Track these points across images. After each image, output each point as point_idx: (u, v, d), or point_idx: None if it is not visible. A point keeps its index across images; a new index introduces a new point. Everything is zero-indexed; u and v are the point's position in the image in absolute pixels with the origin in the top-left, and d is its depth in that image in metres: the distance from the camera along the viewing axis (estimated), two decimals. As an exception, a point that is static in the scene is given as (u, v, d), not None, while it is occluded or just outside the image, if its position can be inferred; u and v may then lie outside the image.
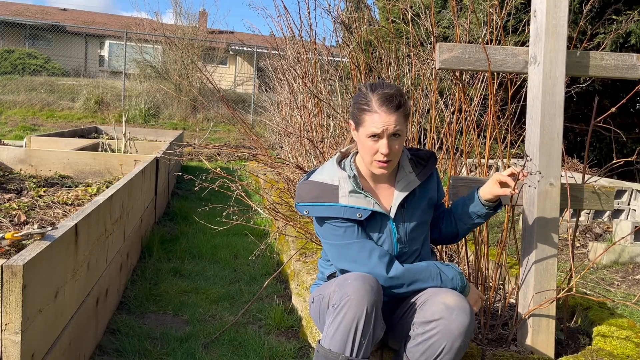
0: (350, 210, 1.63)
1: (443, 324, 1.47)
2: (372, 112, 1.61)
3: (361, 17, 3.31)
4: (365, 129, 1.62)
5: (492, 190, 1.69)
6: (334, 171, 1.71)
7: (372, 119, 1.60)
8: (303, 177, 1.78)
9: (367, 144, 1.63)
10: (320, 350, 1.50)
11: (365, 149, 1.64)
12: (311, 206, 1.67)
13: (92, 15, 26.01)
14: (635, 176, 7.01)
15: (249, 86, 16.41)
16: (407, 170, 1.74)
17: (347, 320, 1.45)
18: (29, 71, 16.13)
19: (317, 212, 1.67)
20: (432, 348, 1.49)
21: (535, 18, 1.97)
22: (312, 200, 1.67)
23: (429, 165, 1.78)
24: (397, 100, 1.61)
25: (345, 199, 1.65)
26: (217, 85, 4.36)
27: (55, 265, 1.64)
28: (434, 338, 1.48)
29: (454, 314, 1.47)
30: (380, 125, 1.59)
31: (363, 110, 1.63)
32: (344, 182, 1.67)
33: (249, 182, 6.28)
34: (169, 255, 3.68)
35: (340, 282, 1.54)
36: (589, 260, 4.50)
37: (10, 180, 3.66)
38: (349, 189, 1.66)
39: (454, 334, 1.46)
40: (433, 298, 1.55)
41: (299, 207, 1.71)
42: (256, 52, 15.20)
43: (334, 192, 1.66)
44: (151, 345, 2.34)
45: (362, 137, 1.64)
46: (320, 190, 1.67)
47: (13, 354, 1.39)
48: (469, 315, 1.48)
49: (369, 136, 1.61)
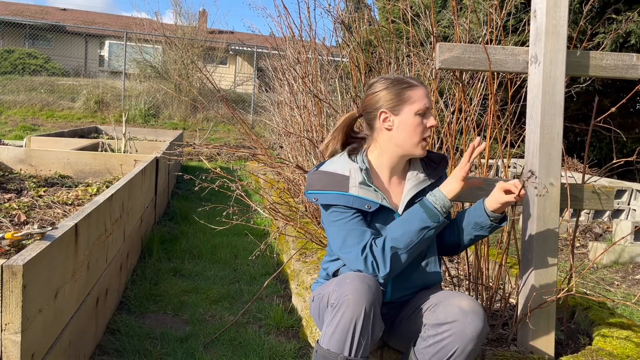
0: (359, 200, 1.63)
1: (457, 326, 1.46)
2: (416, 87, 1.64)
3: (361, 17, 3.31)
4: (413, 106, 1.63)
5: (498, 198, 1.64)
6: (345, 162, 1.71)
7: (418, 94, 1.63)
8: (313, 169, 1.77)
9: (414, 124, 1.64)
10: (318, 350, 1.49)
11: (412, 128, 1.64)
12: (320, 194, 1.67)
13: (92, 15, 26.01)
14: (635, 176, 7.02)
15: (249, 86, 16.41)
16: (417, 169, 1.74)
17: (346, 320, 1.44)
18: (29, 71, 16.13)
19: (326, 200, 1.66)
20: (444, 350, 1.48)
21: (535, 18, 1.97)
22: (321, 188, 1.67)
23: (440, 168, 1.78)
24: None
25: (355, 189, 1.64)
26: (217, 85, 4.36)
27: (55, 265, 1.64)
28: (447, 340, 1.47)
29: (468, 317, 1.46)
30: (427, 99, 1.63)
31: (405, 89, 1.64)
32: (355, 172, 1.67)
33: (249, 182, 6.28)
34: (169, 255, 3.68)
35: (339, 281, 1.54)
36: (589, 260, 4.50)
37: (10, 180, 3.66)
38: (359, 180, 1.66)
39: (468, 337, 1.45)
40: (447, 301, 1.54)
41: (308, 195, 1.70)
42: (256, 52, 15.20)
43: (344, 182, 1.66)
44: (151, 345, 2.34)
45: (408, 117, 1.64)
46: (331, 179, 1.67)
47: (13, 354, 1.39)
48: (484, 320, 1.48)
49: (418, 113, 1.63)
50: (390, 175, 1.73)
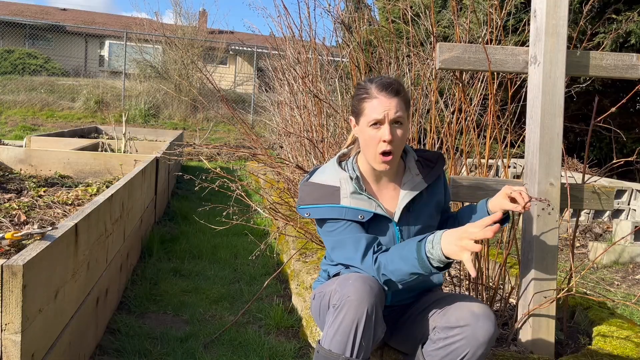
0: (351, 211, 1.61)
1: (468, 330, 1.46)
2: (372, 98, 1.59)
3: (361, 17, 3.31)
4: (366, 117, 1.59)
5: (502, 205, 1.62)
6: (335, 172, 1.68)
7: (372, 105, 1.58)
8: (305, 177, 1.75)
9: (368, 134, 1.60)
10: (320, 351, 1.49)
11: (367, 140, 1.61)
12: (312, 208, 1.65)
13: (92, 15, 26.01)
14: (635, 176, 7.01)
15: (249, 86, 16.42)
16: (413, 172, 1.70)
17: (348, 321, 1.44)
18: (29, 71, 16.13)
19: (318, 215, 1.64)
20: (454, 353, 1.48)
21: (535, 18, 1.97)
22: (313, 202, 1.65)
23: (437, 168, 1.74)
24: (396, 86, 1.60)
25: (346, 200, 1.62)
26: (217, 85, 4.35)
27: (55, 265, 1.64)
28: (458, 344, 1.47)
29: (480, 321, 1.46)
30: (381, 109, 1.57)
31: (362, 100, 1.61)
32: (345, 182, 1.65)
33: (249, 182, 6.28)
34: (169, 255, 3.68)
35: (341, 282, 1.53)
36: (589, 260, 4.50)
37: (10, 180, 3.66)
38: (350, 190, 1.63)
39: (479, 341, 1.45)
40: (458, 304, 1.53)
41: (300, 210, 1.68)
42: (256, 52, 15.20)
43: (335, 193, 1.63)
44: (151, 345, 2.34)
45: (364, 128, 1.61)
46: (322, 192, 1.65)
47: (13, 354, 1.39)
48: (495, 324, 1.48)
49: (371, 124, 1.58)
50: (382, 180, 1.70)
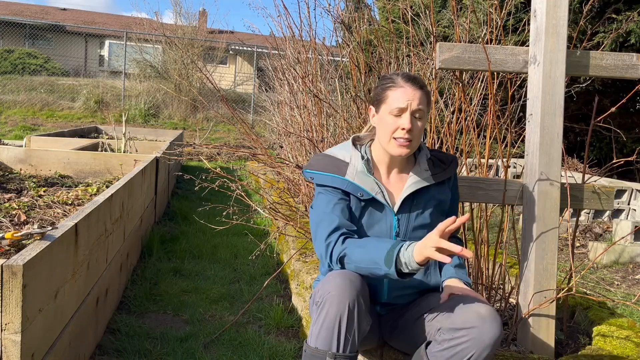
0: (353, 186, 1.66)
1: (475, 332, 1.46)
2: (397, 87, 1.63)
3: (361, 17, 3.31)
4: (389, 105, 1.63)
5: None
6: (349, 149, 1.74)
7: (396, 94, 1.63)
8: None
9: (388, 121, 1.64)
10: (307, 350, 1.50)
11: (385, 127, 1.65)
12: (317, 174, 1.70)
13: (92, 15, 26.00)
14: (635, 176, 7.01)
15: (249, 86, 16.42)
16: (422, 167, 1.73)
17: (331, 316, 1.45)
18: (28, 71, 16.13)
19: (321, 180, 1.69)
20: (459, 355, 1.47)
21: (535, 18, 1.97)
22: (320, 169, 1.71)
23: (449, 169, 1.76)
24: (421, 81, 1.66)
25: (352, 175, 1.67)
26: (217, 85, 4.36)
27: (55, 265, 1.64)
28: (463, 345, 1.47)
29: (486, 323, 1.46)
30: (405, 99, 1.61)
31: (387, 88, 1.65)
32: (355, 160, 1.70)
33: (249, 181, 6.29)
34: (169, 255, 3.68)
35: (324, 279, 1.56)
36: (589, 260, 4.50)
37: (10, 180, 3.66)
38: (359, 168, 1.68)
39: (485, 344, 1.45)
40: (464, 306, 1.53)
41: (306, 173, 1.74)
42: (256, 52, 15.20)
43: (342, 167, 1.69)
44: (151, 345, 2.34)
45: (384, 115, 1.65)
46: (330, 162, 1.71)
47: (13, 354, 1.39)
48: (500, 326, 1.48)
49: (393, 112, 1.62)
50: (389, 170, 1.74)
